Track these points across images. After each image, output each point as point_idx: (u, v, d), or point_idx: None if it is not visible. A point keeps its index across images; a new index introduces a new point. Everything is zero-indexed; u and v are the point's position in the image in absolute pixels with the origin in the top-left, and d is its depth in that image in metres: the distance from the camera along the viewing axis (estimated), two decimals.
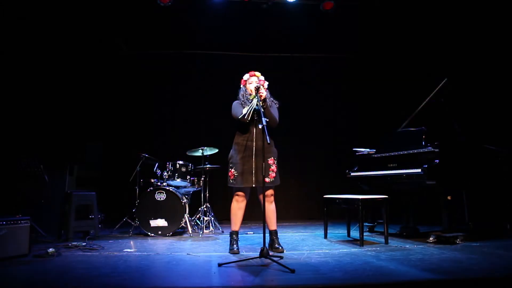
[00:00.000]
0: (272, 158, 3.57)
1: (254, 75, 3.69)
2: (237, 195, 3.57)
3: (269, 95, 3.69)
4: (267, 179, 3.46)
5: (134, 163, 5.09)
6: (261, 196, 3.55)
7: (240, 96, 3.70)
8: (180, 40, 6.69)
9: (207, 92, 6.77)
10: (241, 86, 3.76)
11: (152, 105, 6.81)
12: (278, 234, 3.66)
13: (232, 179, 3.55)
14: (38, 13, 5.26)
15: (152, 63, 6.91)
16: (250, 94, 3.58)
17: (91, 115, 6.41)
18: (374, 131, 5.89)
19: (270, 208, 3.58)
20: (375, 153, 4.70)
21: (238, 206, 3.58)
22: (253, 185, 3.50)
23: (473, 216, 4.80)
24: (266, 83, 3.72)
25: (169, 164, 4.98)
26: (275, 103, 3.73)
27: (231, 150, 3.66)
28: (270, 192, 3.54)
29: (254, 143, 3.53)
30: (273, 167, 3.55)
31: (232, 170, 3.56)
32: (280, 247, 3.51)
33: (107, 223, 5.39)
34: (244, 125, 3.57)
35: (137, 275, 2.69)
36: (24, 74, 5.38)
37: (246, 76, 3.73)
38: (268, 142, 3.08)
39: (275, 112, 3.61)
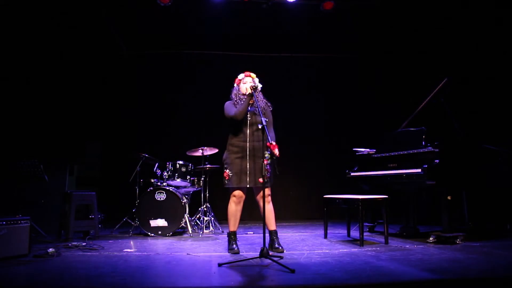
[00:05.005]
0: (266, 158, 3.56)
1: (250, 76, 3.68)
2: (234, 195, 3.56)
3: (262, 97, 3.68)
4: (261, 179, 3.46)
5: (134, 163, 5.09)
6: (258, 197, 3.56)
7: (233, 96, 3.68)
8: (180, 40, 6.69)
9: (207, 92, 6.76)
10: (235, 85, 3.74)
11: (153, 105, 6.81)
12: (278, 234, 3.65)
13: (227, 180, 3.54)
14: (38, 13, 5.26)
15: (152, 63, 6.91)
16: (244, 94, 3.57)
17: (91, 115, 6.41)
18: (374, 131, 5.89)
19: (268, 208, 3.57)
20: (375, 153, 4.70)
21: (236, 207, 3.57)
22: (248, 185, 3.50)
23: (473, 216, 4.80)
24: (260, 85, 3.70)
25: (169, 164, 4.98)
26: (269, 106, 3.72)
27: (226, 151, 3.65)
28: (267, 192, 3.53)
29: (248, 144, 3.53)
30: (268, 167, 3.54)
31: (227, 170, 3.56)
32: (280, 247, 3.51)
33: (107, 223, 5.39)
34: (237, 126, 3.57)
35: (137, 275, 2.69)
36: (25, 74, 5.38)
37: (241, 76, 3.71)
38: (269, 142, 3.09)
39: (272, 129, 3.66)
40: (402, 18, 5.96)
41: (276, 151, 3.28)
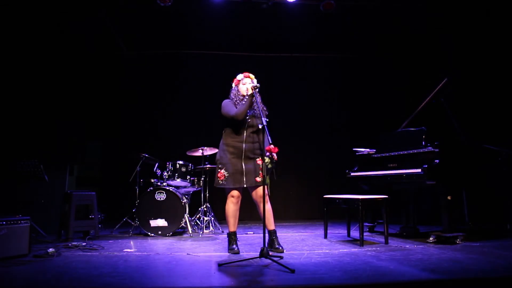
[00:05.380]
0: (265, 162, 3.55)
1: (249, 77, 3.66)
2: (233, 196, 3.55)
3: (260, 100, 3.67)
4: (258, 179, 3.47)
5: (134, 163, 5.09)
6: (255, 197, 3.55)
7: (232, 96, 3.67)
8: (180, 40, 6.69)
9: (207, 91, 6.76)
10: (233, 85, 3.73)
11: (153, 105, 6.81)
12: (278, 234, 3.65)
13: (222, 180, 3.52)
14: (38, 13, 5.26)
15: (152, 63, 6.91)
16: (243, 95, 3.56)
17: (91, 115, 6.41)
18: (374, 131, 5.90)
19: (266, 208, 3.56)
20: (375, 153, 4.70)
21: (234, 207, 3.56)
22: (244, 185, 3.49)
23: (473, 216, 4.80)
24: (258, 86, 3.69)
25: (169, 164, 4.98)
26: (265, 110, 3.70)
27: (220, 151, 3.64)
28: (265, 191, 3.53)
29: (243, 144, 3.52)
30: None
31: (222, 171, 3.54)
32: (280, 247, 3.51)
33: (107, 223, 5.39)
34: (235, 126, 3.56)
35: (137, 275, 2.69)
36: (25, 75, 5.38)
37: (240, 76, 3.69)
38: (270, 142, 3.08)
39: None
40: (402, 18, 5.96)
41: (275, 155, 3.28)
